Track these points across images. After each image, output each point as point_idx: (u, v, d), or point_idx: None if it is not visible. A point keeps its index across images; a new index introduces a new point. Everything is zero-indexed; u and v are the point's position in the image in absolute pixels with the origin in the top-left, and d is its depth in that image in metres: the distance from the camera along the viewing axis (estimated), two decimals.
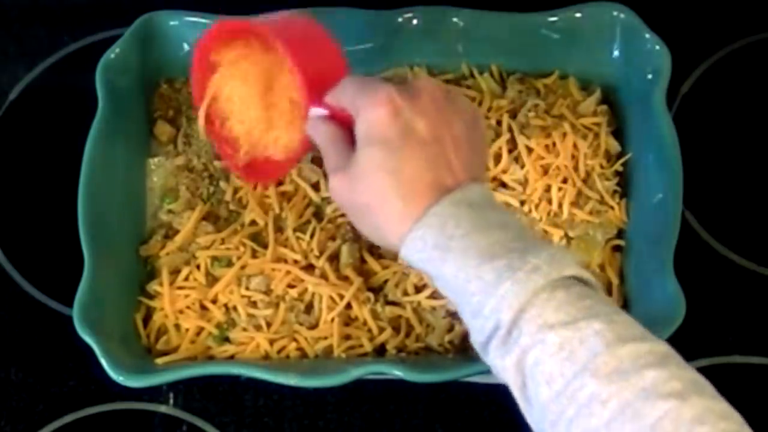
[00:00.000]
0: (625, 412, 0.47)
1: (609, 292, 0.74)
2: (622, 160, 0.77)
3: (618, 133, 0.79)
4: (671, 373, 0.48)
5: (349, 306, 0.73)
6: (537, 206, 0.75)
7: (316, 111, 0.63)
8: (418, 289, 0.73)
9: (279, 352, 0.72)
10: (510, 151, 0.77)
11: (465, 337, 0.72)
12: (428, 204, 0.56)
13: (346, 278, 0.73)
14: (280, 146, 0.69)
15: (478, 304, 0.53)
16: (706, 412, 0.47)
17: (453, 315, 0.72)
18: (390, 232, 0.58)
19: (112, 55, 0.78)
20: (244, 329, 0.73)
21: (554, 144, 0.76)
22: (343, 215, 0.75)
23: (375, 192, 0.57)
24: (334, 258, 0.74)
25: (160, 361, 0.71)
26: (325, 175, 0.63)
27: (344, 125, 0.61)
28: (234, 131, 0.71)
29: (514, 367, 0.52)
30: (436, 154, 0.57)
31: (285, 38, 0.65)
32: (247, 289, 0.74)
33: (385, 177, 0.57)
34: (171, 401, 0.75)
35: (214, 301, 0.74)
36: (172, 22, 0.80)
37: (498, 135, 0.77)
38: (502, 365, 0.53)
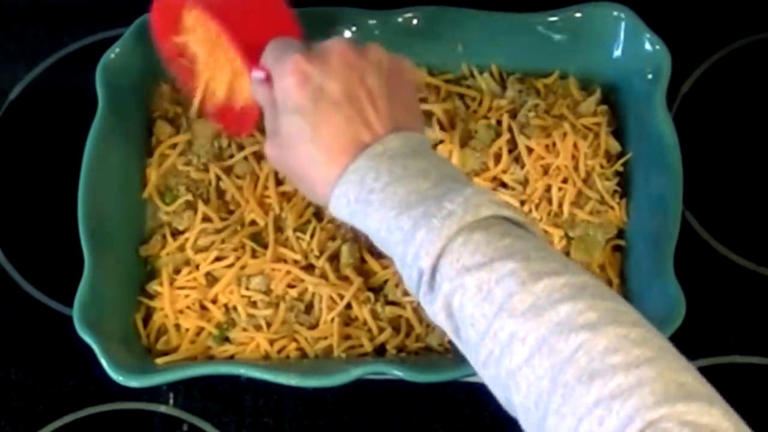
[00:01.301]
0: (542, 348, 0.48)
1: None
2: (622, 160, 0.77)
3: (618, 133, 0.79)
4: (586, 305, 0.48)
5: (349, 306, 0.73)
6: (537, 206, 0.75)
7: (256, 74, 0.64)
8: None
9: (279, 352, 0.72)
10: (510, 151, 0.77)
11: None
12: (348, 162, 0.57)
13: (346, 278, 0.73)
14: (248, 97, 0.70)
15: (402, 254, 0.54)
16: (620, 340, 0.47)
17: None
18: (320, 194, 0.59)
19: (112, 55, 0.78)
20: (244, 329, 0.73)
21: (554, 144, 0.76)
22: None
23: (299, 158, 0.59)
24: (334, 258, 0.74)
25: (160, 361, 0.71)
26: None
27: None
28: (206, 82, 0.73)
29: (444, 312, 0.53)
30: (351, 113, 0.58)
31: (210, 4, 0.66)
32: (247, 289, 0.74)
33: (304, 144, 0.58)
34: (171, 401, 0.75)
35: (214, 301, 0.74)
36: None
37: (498, 135, 0.77)
38: (432, 311, 0.54)
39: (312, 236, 0.74)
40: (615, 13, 0.79)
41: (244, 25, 0.66)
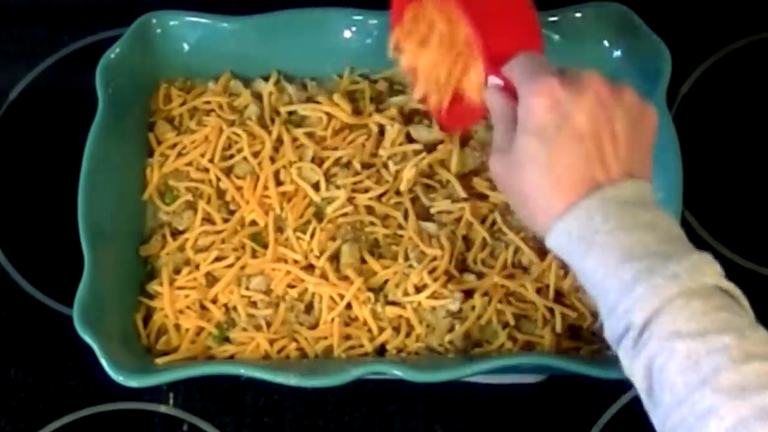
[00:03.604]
0: (739, 430, 0.47)
1: None
2: None
3: None
4: None
5: (349, 306, 0.73)
6: None
7: (494, 80, 0.63)
8: (418, 289, 0.73)
9: (279, 352, 0.72)
10: None
11: (465, 337, 0.72)
12: (577, 198, 0.56)
13: (346, 278, 0.73)
14: (476, 88, 0.68)
15: (614, 302, 0.53)
16: None
17: (453, 315, 0.72)
18: (539, 221, 0.58)
19: (112, 55, 0.78)
20: (244, 329, 0.73)
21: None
22: (343, 215, 0.75)
23: (526, 182, 0.58)
24: (334, 258, 0.74)
25: (160, 361, 0.71)
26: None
27: (516, 98, 0.60)
28: (432, 75, 0.71)
29: (642, 370, 0.52)
30: (591, 149, 0.56)
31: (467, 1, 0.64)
32: (247, 289, 0.74)
33: (537, 169, 0.57)
34: (171, 401, 0.75)
35: (214, 301, 0.74)
36: (172, 22, 0.80)
37: None
38: (629, 366, 0.53)
39: (312, 236, 0.74)
40: (615, 13, 0.79)
41: (492, 26, 0.64)
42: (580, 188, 0.56)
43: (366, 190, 0.76)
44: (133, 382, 0.67)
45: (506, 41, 0.64)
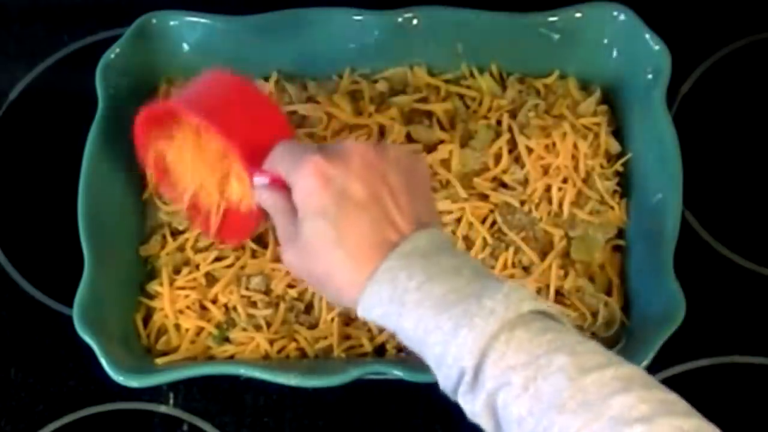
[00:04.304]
0: None
1: (609, 292, 0.74)
2: (622, 160, 0.77)
3: (618, 133, 0.79)
4: (638, 397, 0.48)
5: None
6: (537, 206, 0.75)
7: (259, 179, 0.63)
8: None
9: (279, 352, 0.72)
10: (510, 151, 0.77)
11: None
12: (377, 263, 0.56)
13: None
14: (245, 204, 0.69)
15: (441, 354, 0.53)
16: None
17: None
18: (347, 297, 0.58)
19: (112, 55, 0.78)
20: (244, 329, 0.73)
21: (554, 144, 0.77)
22: None
23: (324, 263, 0.58)
24: None
25: (160, 361, 0.71)
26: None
27: (287, 189, 0.61)
28: (196, 197, 0.71)
29: (485, 411, 0.52)
30: (376, 213, 0.57)
31: (206, 111, 0.65)
32: (247, 289, 0.74)
33: (330, 248, 0.57)
34: (171, 401, 0.75)
35: (214, 301, 0.74)
36: (172, 22, 0.80)
37: (498, 135, 0.77)
38: (472, 410, 0.53)
39: None
40: (615, 13, 0.79)
41: (238, 128, 0.64)
42: (377, 253, 0.56)
43: None
44: (133, 382, 0.67)
45: (257, 138, 0.64)
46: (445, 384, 0.54)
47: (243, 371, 0.69)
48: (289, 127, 0.67)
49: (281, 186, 0.61)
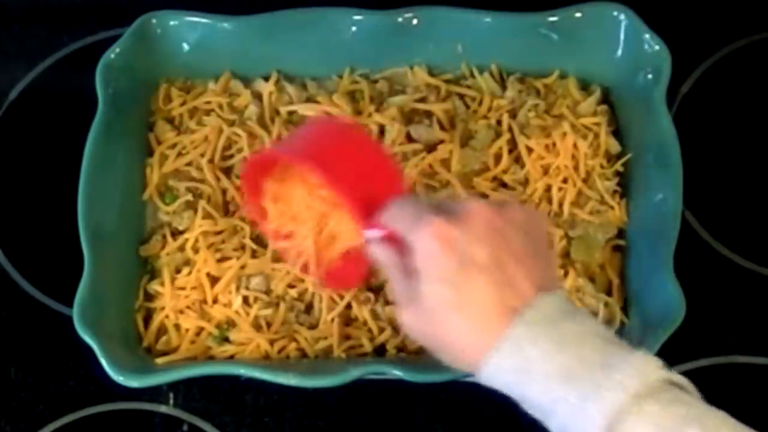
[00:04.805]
0: None
1: (609, 292, 0.74)
2: (622, 160, 0.77)
3: (618, 133, 0.79)
4: None
5: (349, 306, 0.73)
6: (537, 206, 0.75)
7: (372, 233, 0.61)
8: None
9: (279, 352, 0.72)
10: (510, 151, 0.77)
11: None
12: (499, 330, 0.54)
13: None
14: (353, 252, 0.67)
15: (565, 424, 0.52)
16: None
17: None
18: (467, 362, 0.56)
19: (112, 55, 0.78)
20: (244, 329, 0.73)
21: (554, 144, 0.77)
22: None
23: (445, 327, 0.56)
24: None
25: (160, 361, 0.71)
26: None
27: (400, 244, 0.59)
28: (300, 244, 0.69)
29: None
30: (498, 278, 0.55)
31: (317, 160, 0.62)
32: (247, 289, 0.74)
33: (452, 313, 0.56)
34: (171, 401, 0.75)
35: (214, 301, 0.74)
36: (172, 22, 0.80)
37: (498, 135, 0.78)
38: None
39: None
40: (615, 13, 0.79)
41: (349, 178, 0.62)
42: (500, 319, 0.55)
43: None
44: (133, 382, 0.67)
45: (369, 187, 0.62)
46: None
47: (243, 371, 0.69)
48: (401, 178, 0.65)
49: (394, 241, 0.60)
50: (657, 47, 0.77)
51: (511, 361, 0.54)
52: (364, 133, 0.66)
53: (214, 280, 0.74)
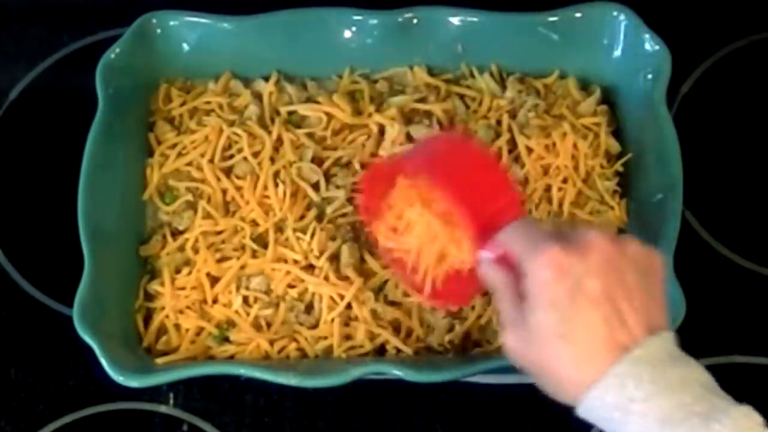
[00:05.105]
0: None
1: None
2: (622, 160, 0.77)
3: (618, 133, 0.79)
4: None
5: (349, 306, 0.73)
6: (537, 206, 0.75)
7: (486, 254, 0.61)
8: None
9: (279, 352, 0.72)
10: (510, 151, 0.77)
11: (465, 337, 0.72)
12: (604, 365, 0.54)
13: (346, 278, 0.73)
14: (464, 269, 0.66)
15: None
16: None
17: (453, 315, 0.72)
18: (567, 393, 0.56)
19: (112, 55, 0.78)
20: (244, 329, 0.73)
21: (554, 144, 0.77)
22: (343, 215, 0.75)
23: (548, 356, 0.56)
24: (334, 258, 0.74)
25: (160, 361, 0.71)
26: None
27: (515, 266, 0.59)
28: (415, 256, 0.67)
29: None
30: (609, 312, 0.55)
31: (439, 173, 0.62)
32: (247, 289, 0.74)
33: (557, 342, 0.55)
34: (171, 401, 0.75)
35: (214, 301, 0.74)
36: (172, 22, 0.80)
37: (498, 135, 0.78)
38: None
39: (312, 236, 0.74)
40: (615, 13, 0.79)
41: (467, 195, 0.62)
42: (606, 355, 0.54)
43: None
44: (133, 382, 0.67)
45: (486, 206, 0.61)
46: None
47: (243, 371, 0.69)
48: (520, 200, 0.65)
49: (507, 264, 0.59)
50: (657, 47, 0.77)
51: (613, 398, 0.53)
52: (486, 152, 0.66)
53: (214, 280, 0.74)
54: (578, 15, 0.79)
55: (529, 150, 0.76)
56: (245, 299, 0.73)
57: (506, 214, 0.61)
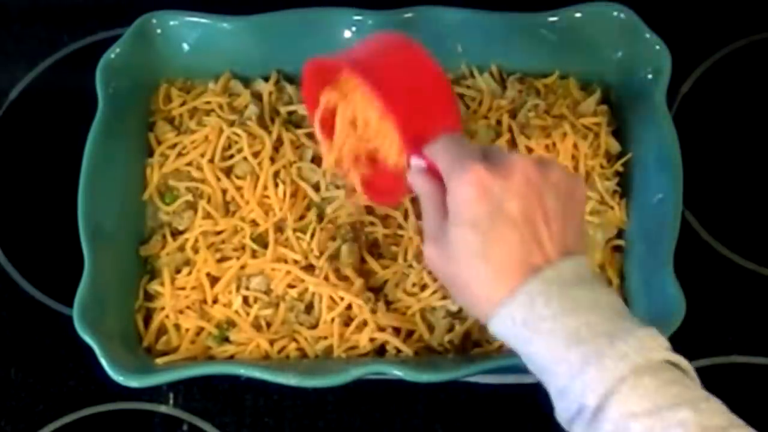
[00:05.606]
0: None
1: None
2: (622, 160, 0.77)
3: (618, 133, 0.79)
4: None
5: (349, 306, 0.73)
6: None
7: (417, 161, 0.62)
8: (419, 289, 0.73)
9: (279, 352, 0.72)
10: None
11: (465, 337, 0.72)
12: (516, 284, 0.55)
13: (346, 278, 0.73)
14: (397, 169, 0.67)
15: (564, 386, 0.53)
16: None
17: (453, 315, 0.72)
18: (480, 310, 0.58)
19: (112, 55, 0.78)
20: (244, 329, 0.73)
21: (554, 144, 0.77)
22: (349, 215, 0.75)
23: (464, 272, 0.58)
24: (334, 258, 0.74)
25: (160, 361, 0.71)
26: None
27: (441, 179, 0.60)
28: (350, 152, 0.70)
29: None
30: (526, 233, 0.56)
31: (373, 75, 0.63)
32: (247, 289, 0.74)
33: (474, 260, 0.57)
34: (171, 401, 0.75)
35: (214, 301, 0.74)
36: (172, 22, 0.80)
37: (498, 135, 0.77)
38: None
39: (312, 236, 0.74)
40: (615, 13, 0.79)
41: (408, 105, 0.63)
42: (519, 274, 0.56)
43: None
44: (133, 382, 0.67)
45: (426, 118, 0.62)
46: (562, 415, 0.54)
47: (243, 371, 0.69)
48: (457, 114, 0.65)
49: (435, 174, 0.60)
50: (657, 47, 0.77)
51: (522, 315, 0.55)
52: (433, 61, 0.65)
53: (214, 280, 0.74)
54: (578, 15, 0.79)
55: (530, 150, 0.76)
56: (245, 299, 0.73)
57: (442, 125, 0.62)
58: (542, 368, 0.55)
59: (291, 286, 0.74)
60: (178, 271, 0.75)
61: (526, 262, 0.56)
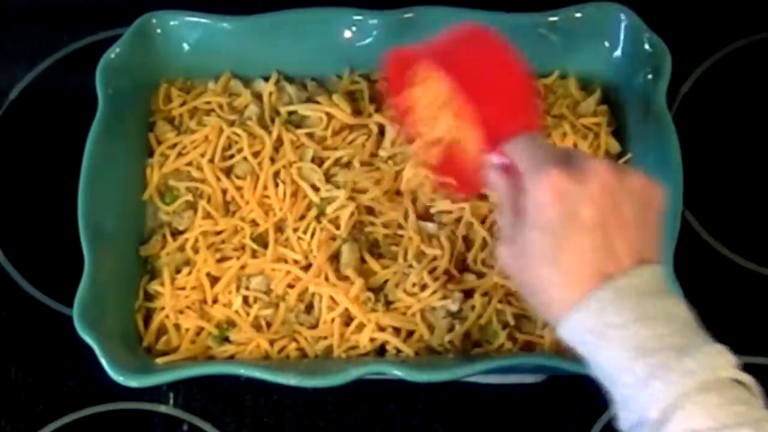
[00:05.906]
0: None
1: None
2: (622, 161, 0.77)
3: (618, 133, 0.79)
4: None
5: None
6: None
7: (495, 158, 0.61)
8: (419, 289, 0.73)
9: (279, 352, 0.72)
10: None
11: (465, 337, 0.72)
12: (588, 290, 0.55)
13: (346, 278, 0.73)
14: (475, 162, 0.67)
15: (628, 396, 0.53)
16: None
17: (453, 315, 0.72)
18: (551, 314, 0.57)
19: (112, 55, 0.78)
20: (244, 329, 0.73)
21: (554, 144, 0.76)
22: (351, 216, 0.75)
23: (536, 275, 0.57)
24: (334, 258, 0.74)
25: (160, 361, 0.71)
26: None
27: (519, 179, 0.59)
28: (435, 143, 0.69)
29: None
30: (600, 241, 0.56)
31: (457, 71, 0.62)
32: (247, 289, 0.74)
33: (546, 264, 0.56)
34: (171, 401, 0.75)
35: (214, 301, 0.74)
36: (172, 22, 0.80)
37: None
38: None
39: (312, 236, 0.74)
40: (615, 13, 0.79)
41: (485, 97, 0.62)
42: (591, 281, 0.55)
43: (366, 191, 0.76)
44: (133, 382, 0.67)
45: (504, 115, 0.62)
46: (623, 424, 0.53)
47: (243, 371, 0.69)
48: (538, 113, 0.65)
49: (512, 172, 0.60)
50: (657, 47, 0.77)
51: (592, 322, 0.54)
52: (514, 56, 0.65)
53: (214, 280, 0.74)
54: (578, 15, 0.79)
55: None
56: (245, 299, 0.73)
57: (522, 122, 0.61)
58: (607, 376, 0.54)
59: (291, 286, 0.74)
60: (178, 271, 0.75)
61: (598, 270, 0.55)
